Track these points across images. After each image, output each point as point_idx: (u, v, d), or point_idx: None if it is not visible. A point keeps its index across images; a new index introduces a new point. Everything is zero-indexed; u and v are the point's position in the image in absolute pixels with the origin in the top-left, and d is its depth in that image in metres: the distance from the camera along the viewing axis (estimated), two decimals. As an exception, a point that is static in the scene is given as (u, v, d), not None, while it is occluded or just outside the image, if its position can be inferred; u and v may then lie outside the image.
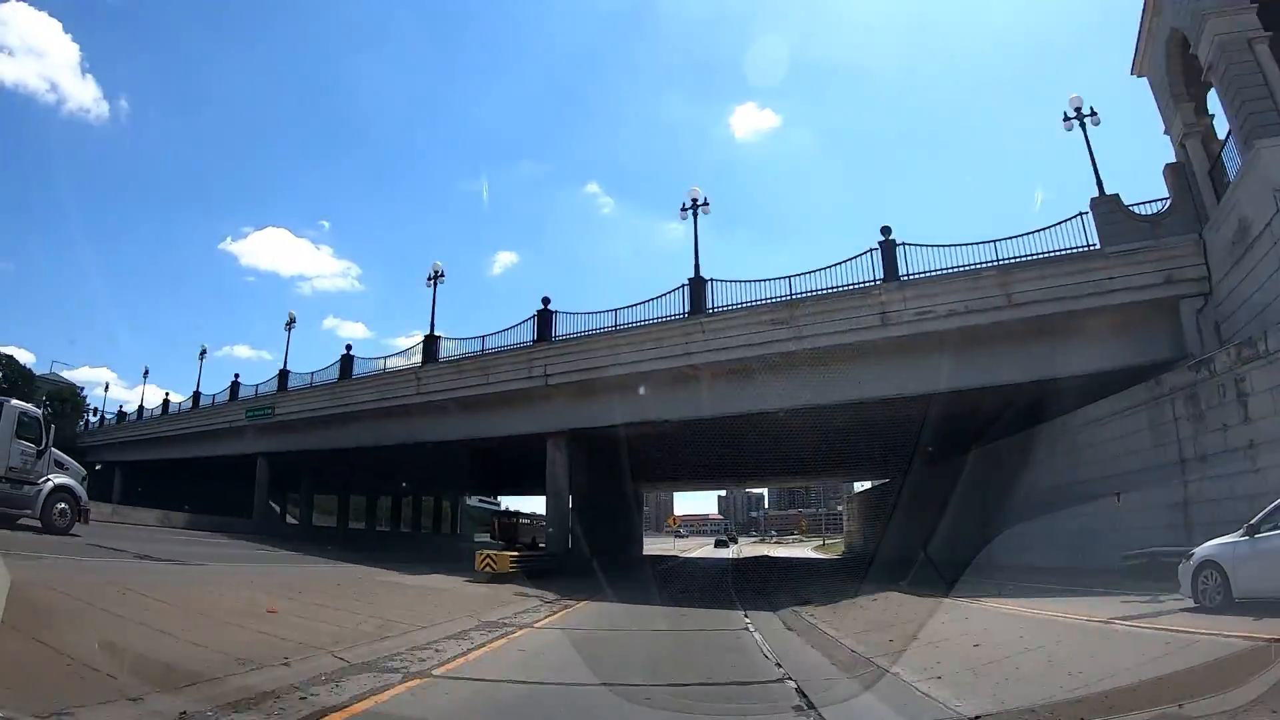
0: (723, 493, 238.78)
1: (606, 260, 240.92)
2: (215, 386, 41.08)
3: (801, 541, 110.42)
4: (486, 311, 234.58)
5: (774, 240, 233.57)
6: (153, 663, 5.28)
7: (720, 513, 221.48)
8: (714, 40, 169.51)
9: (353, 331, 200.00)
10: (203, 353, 43.37)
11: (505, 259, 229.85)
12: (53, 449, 16.01)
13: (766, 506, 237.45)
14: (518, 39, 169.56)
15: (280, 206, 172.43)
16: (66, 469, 16.36)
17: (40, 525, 15.42)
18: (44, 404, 40.05)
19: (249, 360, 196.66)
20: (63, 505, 15.80)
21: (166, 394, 44.37)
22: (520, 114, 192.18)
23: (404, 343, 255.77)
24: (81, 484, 16.61)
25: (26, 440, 15.41)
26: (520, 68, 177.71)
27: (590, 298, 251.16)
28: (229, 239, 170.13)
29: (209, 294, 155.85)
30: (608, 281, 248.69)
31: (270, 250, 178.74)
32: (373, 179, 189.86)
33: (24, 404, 15.68)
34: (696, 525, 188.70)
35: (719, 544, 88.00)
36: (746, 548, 73.79)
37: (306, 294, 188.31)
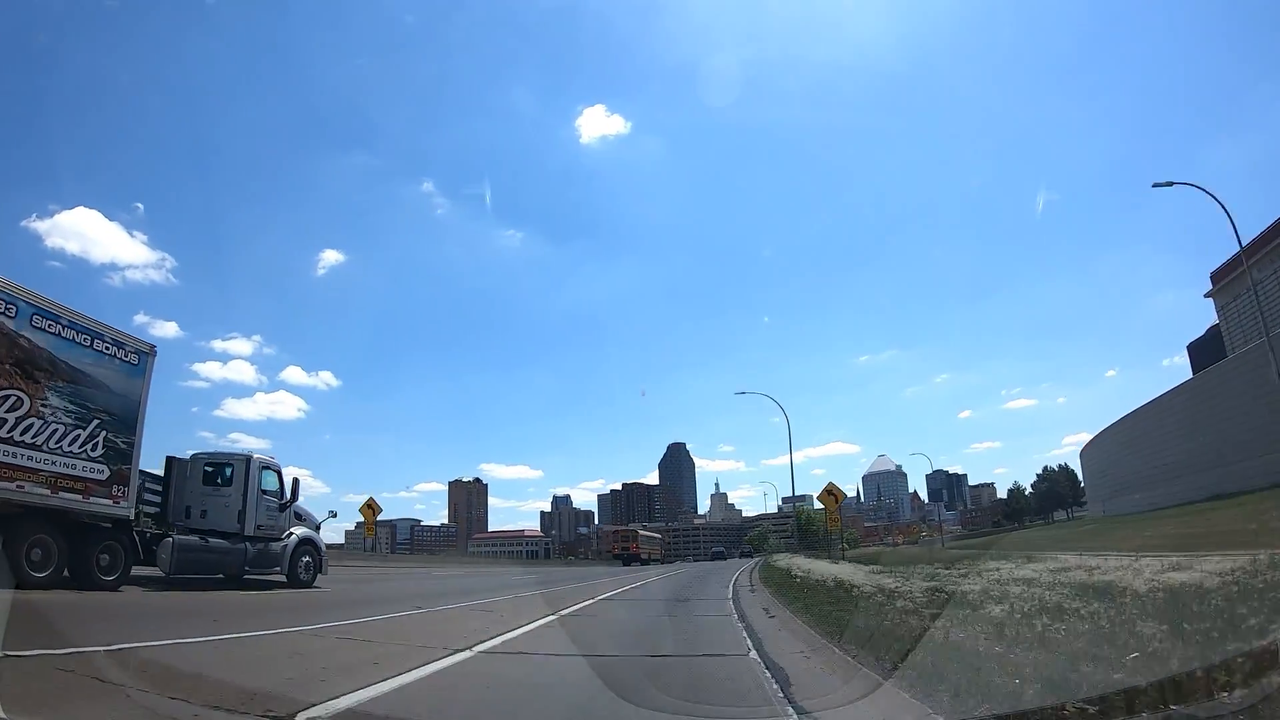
0: (545, 507, 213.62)
1: (439, 265, 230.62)
2: None
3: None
4: (312, 317, 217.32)
5: (613, 252, 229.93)
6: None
7: (544, 531, 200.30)
8: (567, 31, 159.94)
9: (164, 331, 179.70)
10: None
11: (331, 258, 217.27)
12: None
13: (598, 521, 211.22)
14: (353, 5, 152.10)
15: (91, 183, 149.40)
16: (304, 520, 15.72)
17: (286, 581, 14.87)
18: None
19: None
20: (307, 559, 15.26)
21: None
22: (353, 94, 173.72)
23: (219, 346, 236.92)
24: (317, 533, 16.00)
25: (269, 494, 14.76)
26: (354, 38, 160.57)
27: (419, 305, 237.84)
28: (34, 216, 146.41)
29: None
30: (439, 288, 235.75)
31: (80, 234, 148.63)
32: (190, 158, 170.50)
33: (265, 457, 14.90)
34: (508, 541, 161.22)
35: (716, 556, 72.71)
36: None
37: (117, 285, 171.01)
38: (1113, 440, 59.82)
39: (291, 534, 15.01)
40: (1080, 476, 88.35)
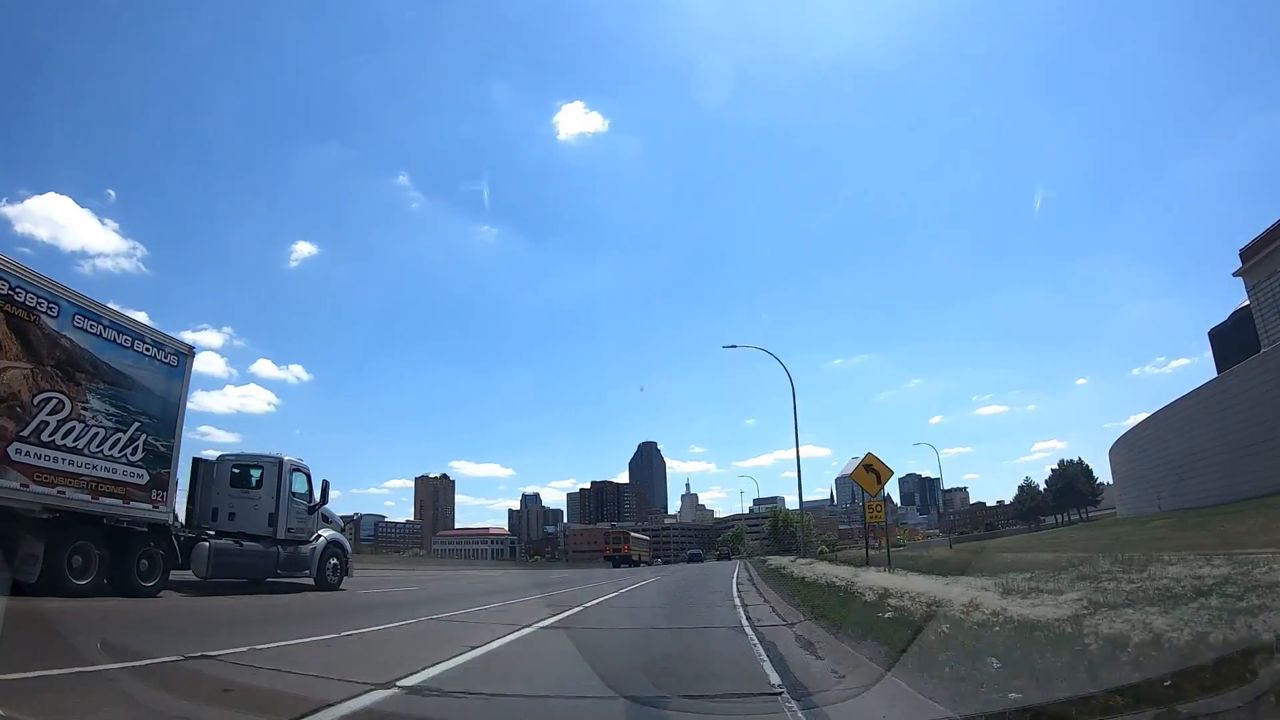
0: (515, 505, 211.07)
1: (413, 260, 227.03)
2: None
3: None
4: (284, 309, 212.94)
5: (590, 250, 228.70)
6: None
7: (511, 530, 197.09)
8: (552, 27, 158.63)
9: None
10: None
11: (304, 250, 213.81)
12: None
13: (566, 520, 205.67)
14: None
15: (63, 169, 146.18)
16: (330, 522, 15.55)
17: (314, 584, 14.73)
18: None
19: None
20: (334, 561, 15.14)
21: None
22: (330, 86, 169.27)
23: (190, 337, 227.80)
24: (343, 534, 15.86)
25: (299, 497, 14.59)
26: (335, 29, 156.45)
27: (392, 300, 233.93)
28: (3, 201, 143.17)
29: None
30: (413, 283, 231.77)
31: (50, 220, 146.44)
32: (164, 146, 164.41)
33: (295, 459, 14.67)
34: (473, 539, 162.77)
35: (693, 559, 75.37)
36: None
37: (87, 274, 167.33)
38: (1157, 428, 47.85)
39: (320, 536, 14.87)
40: (1098, 474, 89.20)
